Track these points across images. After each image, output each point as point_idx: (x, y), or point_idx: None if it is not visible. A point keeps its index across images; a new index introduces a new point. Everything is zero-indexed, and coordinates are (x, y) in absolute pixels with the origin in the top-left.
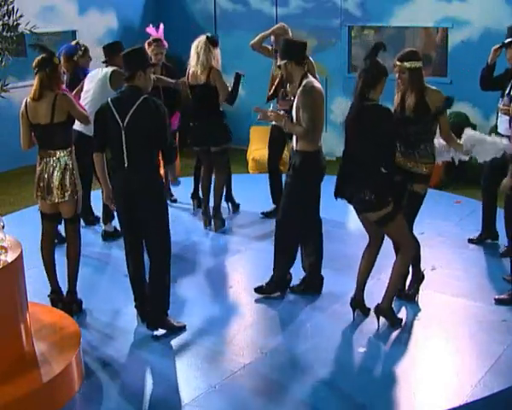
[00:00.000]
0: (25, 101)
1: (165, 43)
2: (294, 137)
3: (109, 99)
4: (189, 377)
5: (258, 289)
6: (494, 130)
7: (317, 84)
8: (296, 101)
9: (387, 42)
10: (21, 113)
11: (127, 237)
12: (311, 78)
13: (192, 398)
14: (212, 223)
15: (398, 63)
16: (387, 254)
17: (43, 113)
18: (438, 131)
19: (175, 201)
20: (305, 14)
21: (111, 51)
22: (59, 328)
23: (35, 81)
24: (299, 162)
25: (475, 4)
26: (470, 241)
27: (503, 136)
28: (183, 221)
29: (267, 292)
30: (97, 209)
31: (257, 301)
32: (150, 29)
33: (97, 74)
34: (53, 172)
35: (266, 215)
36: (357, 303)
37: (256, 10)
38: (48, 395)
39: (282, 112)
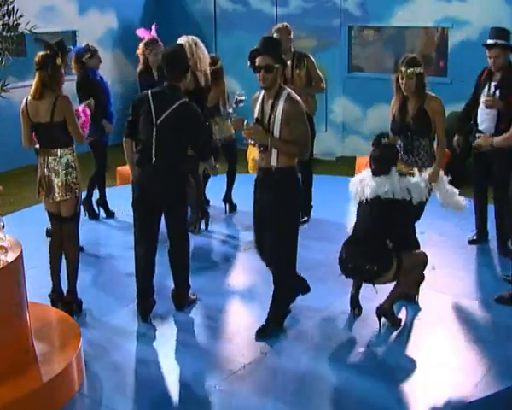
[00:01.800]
0: (25, 99)
1: (161, 44)
2: (275, 153)
3: (150, 91)
4: (189, 377)
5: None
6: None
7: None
8: (281, 113)
9: (387, 42)
10: (22, 111)
11: (142, 229)
12: (287, 88)
13: (192, 398)
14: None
15: (405, 69)
16: None
17: (44, 111)
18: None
19: None
20: (305, 14)
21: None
22: (59, 328)
23: (35, 79)
24: (282, 179)
25: (475, 4)
26: (470, 242)
27: (483, 133)
28: None
29: (268, 333)
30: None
31: (257, 301)
32: (141, 31)
33: None
34: (55, 171)
35: None
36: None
37: (256, 10)
38: (48, 395)
39: None
